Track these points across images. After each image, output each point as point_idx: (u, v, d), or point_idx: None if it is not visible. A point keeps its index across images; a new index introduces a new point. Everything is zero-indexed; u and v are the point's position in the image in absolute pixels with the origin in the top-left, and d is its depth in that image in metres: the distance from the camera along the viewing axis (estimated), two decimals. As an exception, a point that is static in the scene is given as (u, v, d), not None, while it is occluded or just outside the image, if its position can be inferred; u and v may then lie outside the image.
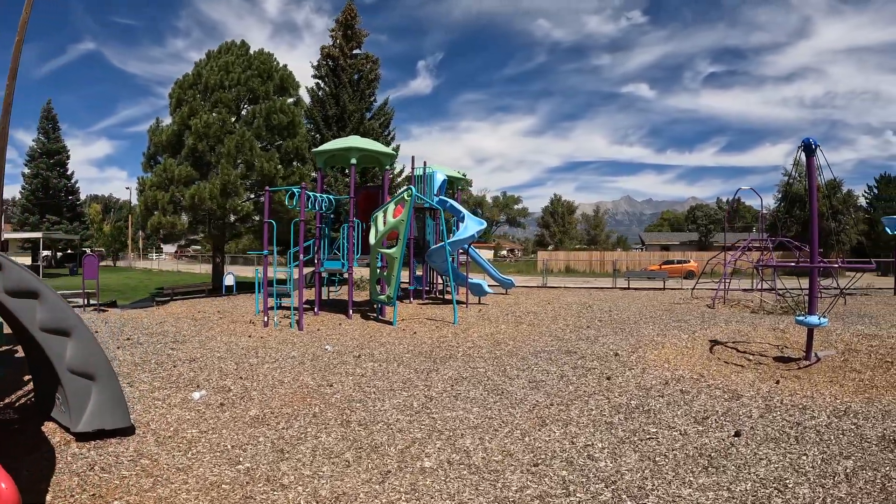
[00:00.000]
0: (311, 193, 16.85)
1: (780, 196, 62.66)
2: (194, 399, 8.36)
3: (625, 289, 30.92)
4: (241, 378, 9.64)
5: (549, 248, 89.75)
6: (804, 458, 5.99)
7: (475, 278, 22.97)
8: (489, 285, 23.79)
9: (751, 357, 11.36)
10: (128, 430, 6.73)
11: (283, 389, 8.95)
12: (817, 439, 6.53)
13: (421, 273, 23.59)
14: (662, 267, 47.27)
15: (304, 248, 16.13)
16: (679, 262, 50.98)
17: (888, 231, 29.60)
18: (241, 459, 6.06)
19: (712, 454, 6.13)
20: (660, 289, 30.81)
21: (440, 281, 24.68)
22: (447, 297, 23.07)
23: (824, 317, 10.87)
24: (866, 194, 78.46)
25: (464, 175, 27.07)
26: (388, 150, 19.62)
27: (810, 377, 9.72)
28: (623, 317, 17.50)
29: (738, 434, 6.70)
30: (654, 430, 6.95)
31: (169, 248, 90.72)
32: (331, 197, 18.60)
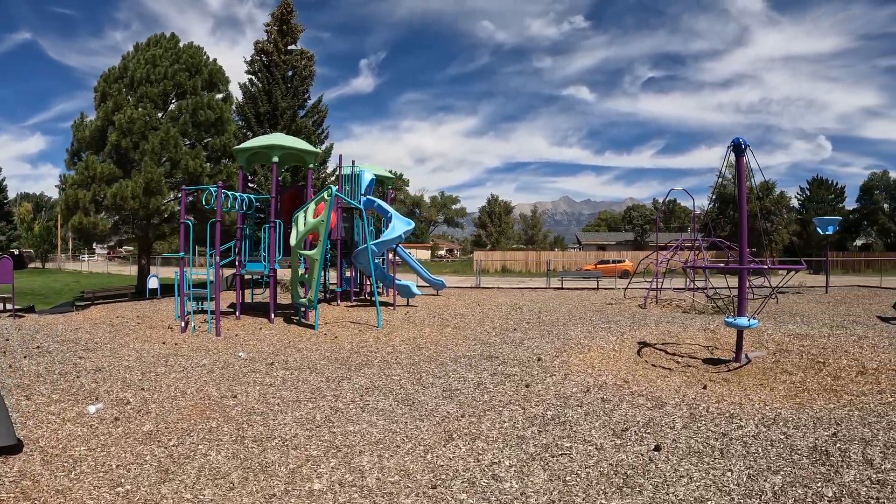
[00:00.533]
0: (229, 192, 16.08)
1: (713, 197, 63.61)
2: (90, 413, 7.65)
3: (558, 289, 30.52)
4: (143, 389, 8.88)
5: (487, 248, 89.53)
6: (729, 474, 5.49)
7: (404, 279, 22.37)
8: (419, 286, 23.23)
9: (680, 360, 10.97)
10: (14, 448, 6.14)
11: (184, 402, 8.24)
12: (744, 452, 6.05)
13: (350, 274, 22.88)
14: (597, 266, 47.30)
15: (225, 249, 15.39)
16: (614, 261, 51.07)
17: (819, 231, 29.99)
18: (122, 481, 5.50)
19: (629, 472, 5.59)
20: (593, 289, 30.50)
21: (370, 282, 24.02)
22: (380, 298, 22.46)
23: (754, 318, 10.58)
24: (799, 196, 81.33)
25: (393, 174, 26.46)
26: (312, 148, 18.90)
27: (740, 380, 9.36)
28: (552, 318, 17.01)
29: (657, 448, 6.16)
30: (569, 444, 6.39)
31: (102, 250, 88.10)
32: (251, 196, 17.81)
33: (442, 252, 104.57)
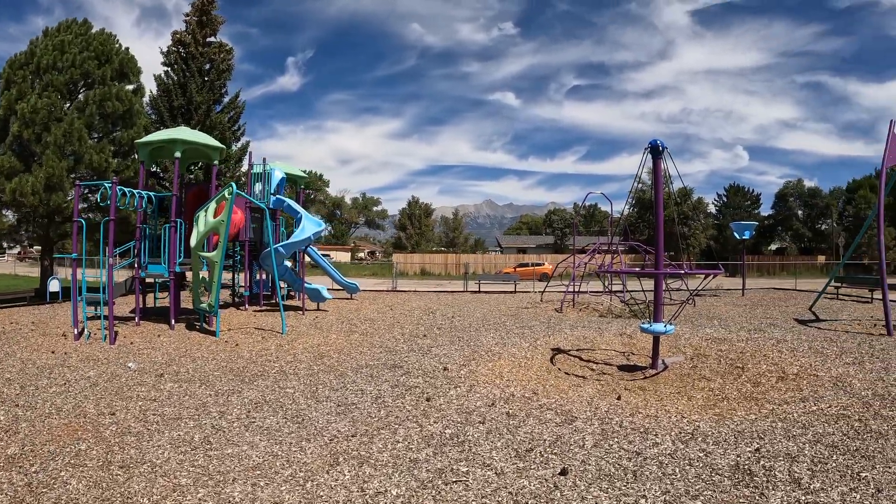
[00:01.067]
0: (126, 189, 15.03)
1: (631, 200, 64.50)
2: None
3: (475, 292, 30.00)
4: (17, 406, 7.86)
5: (407, 250, 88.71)
6: (643, 501, 4.86)
7: (315, 283, 21.51)
8: (333, 290, 22.41)
9: (594, 367, 10.41)
10: None
11: (57, 419, 7.28)
12: (660, 474, 5.43)
13: (261, 277, 21.92)
14: (517, 270, 47.09)
15: (124, 249, 14.32)
16: (534, 264, 51.00)
17: (736, 236, 30.54)
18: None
19: (530, 501, 4.90)
20: (511, 292, 30.08)
21: (284, 286, 23.08)
22: (290, 302, 21.58)
23: (671, 324, 10.08)
24: (716, 202, 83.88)
25: (312, 174, 25.57)
26: (217, 143, 17.89)
27: (656, 388, 8.82)
28: (465, 324, 16.38)
29: (564, 472, 5.48)
30: (465, 468, 5.67)
31: (13, 249, 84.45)
32: (151, 194, 16.76)
33: (362, 254, 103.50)
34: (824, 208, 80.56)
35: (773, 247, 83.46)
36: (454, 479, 5.41)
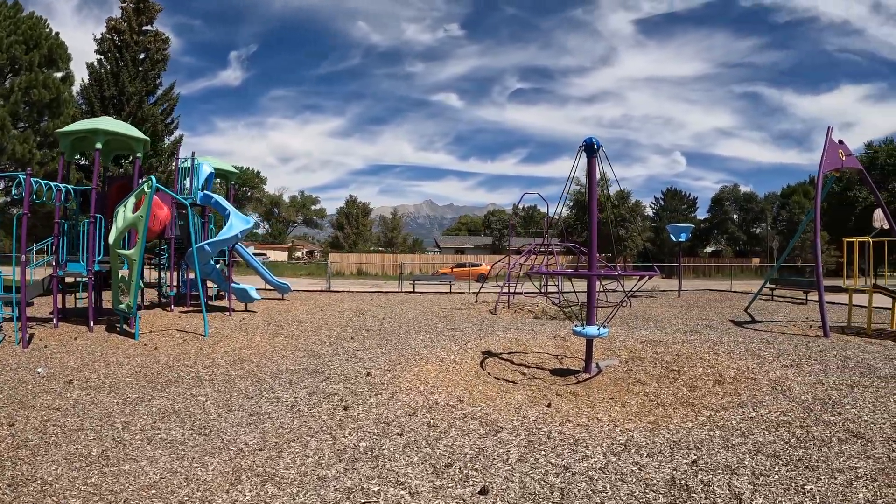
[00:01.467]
0: (42, 182, 14.22)
1: (565, 196, 65.02)
2: None
3: (410, 293, 29.51)
4: None
5: (344, 250, 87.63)
6: (570, 525, 4.38)
7: (244, 283, 20.77)
8: (263, 290, 21.71)
9: (525, 371, 9.98)
10: None
11: (-51, 433, 6.57)
12: (589, 491, 4.99)
13: (189, 276, 21.08)
14: (453, 270, 46.69)
15: (41, 247, 13.50)
16: (471, 265, 50.71)
17: (672, 238, 30.72)
18: None
19: (445, 528, 4.40)
20: (446, 293, 29.62)
21: (212, 286, 22.27)
22: (218, 303, 20.80)
23: (604, 327, 9.68)
24: (653, 205, 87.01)
25: (248, 171, 24.81)
26: (140, 134, 17.05)
27: (589, 394, 8.39)
28: (395, 325, 15.85)
29: (484, 491, 4.98)
30: (377, 487, 5.14)
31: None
32: (70, 187, 15.91)
33: (300, 254, 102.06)
34: (759, 213, 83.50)
35: (709, 249, 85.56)
36: (363, 501, 4.88)
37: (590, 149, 9.71)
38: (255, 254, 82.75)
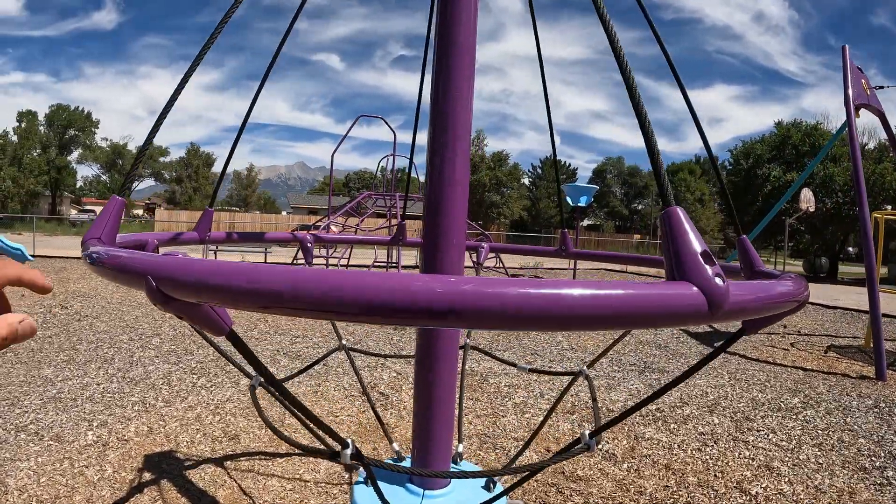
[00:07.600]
0: None
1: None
2: None
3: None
4: None
5: (180, 206, 76.79)
6: None
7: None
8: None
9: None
10: None
11: None
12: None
13: None
14: (294, 232, 39.98)
15: None
16: (314, 226, 44.06)
17: (570, 202, 24.02)
18: None
19: None
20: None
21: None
22: None
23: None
24: (530, 174, 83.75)
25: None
26: None
27: None
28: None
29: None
30: None
31: None
32: None
33: (139, 211, 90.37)
34: (642, 188, 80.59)
35: (586, 223, 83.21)
36: None
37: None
38: (84, 210, 71.34)
